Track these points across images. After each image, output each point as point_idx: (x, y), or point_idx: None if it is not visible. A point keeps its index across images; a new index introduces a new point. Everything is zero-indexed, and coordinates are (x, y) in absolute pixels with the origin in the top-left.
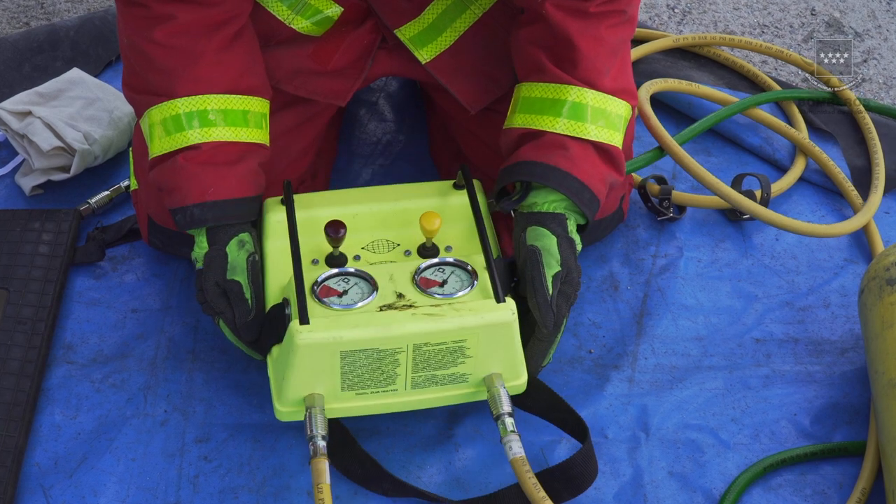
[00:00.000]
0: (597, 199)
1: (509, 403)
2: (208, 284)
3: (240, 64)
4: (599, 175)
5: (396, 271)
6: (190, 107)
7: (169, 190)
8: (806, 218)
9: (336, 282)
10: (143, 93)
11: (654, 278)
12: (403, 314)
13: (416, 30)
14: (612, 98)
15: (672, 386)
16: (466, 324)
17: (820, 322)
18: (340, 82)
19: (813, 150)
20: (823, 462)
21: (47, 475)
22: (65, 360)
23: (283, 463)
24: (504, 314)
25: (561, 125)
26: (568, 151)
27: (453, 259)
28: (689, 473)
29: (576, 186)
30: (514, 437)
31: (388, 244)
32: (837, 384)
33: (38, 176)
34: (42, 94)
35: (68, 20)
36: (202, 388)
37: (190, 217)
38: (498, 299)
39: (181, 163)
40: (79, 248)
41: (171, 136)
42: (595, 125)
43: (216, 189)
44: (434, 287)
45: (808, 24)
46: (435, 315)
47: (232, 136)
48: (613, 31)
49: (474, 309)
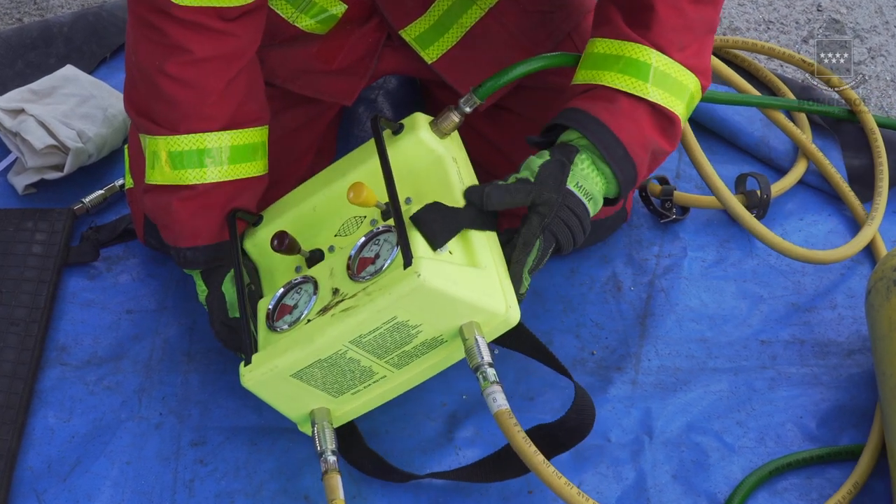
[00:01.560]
0: (630, 161)
1: (488, 352)
2: (217, 326)
3: (243, 94)
4: (641, 137)
5: (336, 263)
6: (191, 145)
7: (163, 226)
8: (811, 220)
9: (290, 297)
10: (144, 117)
11: (657, 279)
12: (322, 320)
13: (421, 28)
14: (681, 67)
15: (676, 388)
16: (379, 306)
17: (826, 323)
18: (346, 81)
19: (816, 155)
20: (830, 466)
21: (41, 479)
22: (58, 362)
23: (280, 466)
24: (409, 281)
25: (617, 80)
26: (613, 104)
27: (381, 227)
28: (694, 477)
29: (608, 139)
30: (496, 388)
31: (356, 221)
32: (844, 386)
33: (31, 175)
34: (35, 91)
35: (62, 16)
36: (198, 390)
37: (184, 258)
38: (405, 263)
39: (175, 206)
40: (73, 248)
41: (168, 172)
42: (656, 87)
43: (207, 235)
44: (368, 267)
45: (814, 19)
46: (350, 308)
47: (230, 175)
48: (696, 8)
49: (384, 286)
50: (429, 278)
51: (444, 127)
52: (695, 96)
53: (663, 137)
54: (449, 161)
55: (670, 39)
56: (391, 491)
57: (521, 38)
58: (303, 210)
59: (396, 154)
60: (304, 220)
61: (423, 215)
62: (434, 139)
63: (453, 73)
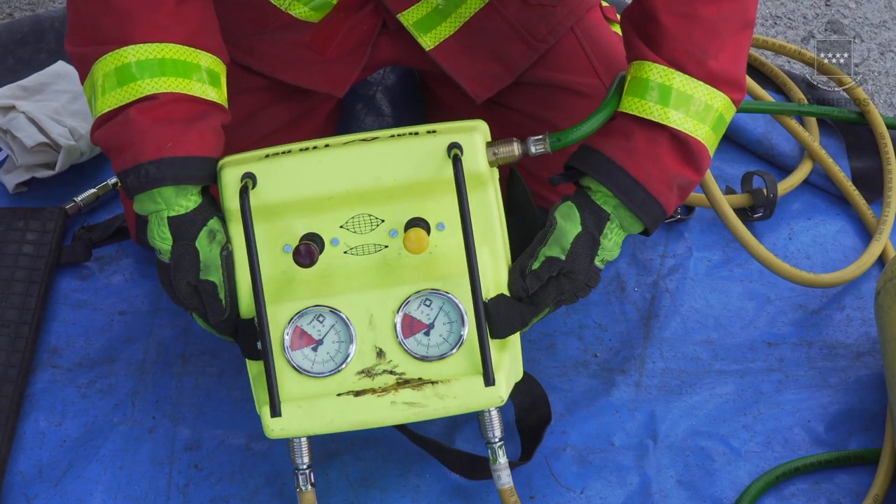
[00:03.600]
0: (655, 202)
1: (501, 428)
2: (180, 285)
3: (196, 20)
4: (664, 174)
5: (377, 310)
6: (146, 54)
7: (119, 148)
8: (819, 219)
9: (310, 322)
10: (90, 44)
11: (662, 279)
12: (382, 402)
13: (419, 14)
14: (702, 84)
15: (681, 391)
16: (449, 412)
17: (835, 325)
18: (339, 71)
19: (820, 155)
20: (839, 471)
21: (31, 484)
22: (50, 365)
23: (276, 471)
24: (491, 400)
25: (633, 105)
26: (630, 142)
27: (442, 291)
28: (699, 482)
29: (627, 184)
30: (503, 467)
31: (370, 220)
32: (853, 389)
33: (22, 173)
34: (26, 87)
35: (53, 10)
36: (192, 393)
37: (144, 177)
38: (487, 381)
39: (134, 116)
40: (64, 248)
41: (122, 88)
42: (676, 111)
43: (175, 144)
44: (419, 334)
45: (822, 14)
46: (416, 405)
47: (193, 91)
48: (711, 8)
49: (459, 395)
50: (504, 395)
51: (500, 155)
52: (724, 115)
53: (687, 167)
54: (492, 193)
55: (688, 52)
56: (389, 496)
57: (522, 30)
58: (316, 194)
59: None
60: (312, 203)
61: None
62: (486, 164)
63: (452, 62)
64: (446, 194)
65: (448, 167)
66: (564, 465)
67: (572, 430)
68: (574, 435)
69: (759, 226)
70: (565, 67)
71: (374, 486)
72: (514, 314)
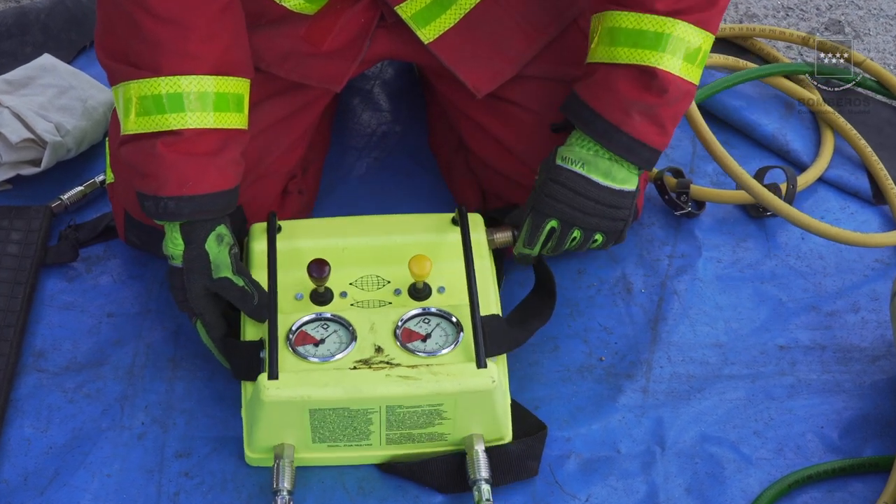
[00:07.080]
0: (613, 128)
1: (487, 469)
2: (195, 287)
3: (228, 38)
4: (617, 100)
5: (379, 319)
6: (174, 87)
7: (142, 174)
8: (836, 214)
9: (314, 328)
10: (122, 62)
11: (670, 280)
12: (377, 375)
13: (418, 6)
14: (655, 18)
15: (689, 396)
16: (443, 389)
17: (849, 328)
18: (335, 65)
19: (844, 128)
20: (853, 478)
21: (16, 492)
22: (35, 368)
23: (269, 479)
24: (483, 381)
25: (596, 52)
26: (591, 77)
27: (438, 310)
28: (708, 491)
29: (586, 115)
30: None
31: (377, 280)
32: (868, 394)
33: (6, 170)
34: (10, 81)
35: (38, 2)
36: (183, 398)
37: (164, 209)
38: (479, 363)
39: (161, 150)
40: (50, 248)
41: (151, 117)
42: (628, 48)
43: (195, 183)
44: (416, 341)
45: (835, 5)
46: (410, 378)
47: (215, 123)
48: None
49: (452, 374)
50: (494, 387)
51: (497, 240)
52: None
53: (644, 91)
54: (491, 269)
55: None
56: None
57: (524, 22)
58: (332, 245)
59: (451, 241)
60: (327, 253)
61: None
62: (486, 245)
63: (451, 55)
64: (449, 259)
65: (452, 233)
66: (569, 473)
67: (577, 436)
68: (578, 442)
69: (771, 224)
70: (569, 61)
71: (371, 495)
72: (505, 333)
